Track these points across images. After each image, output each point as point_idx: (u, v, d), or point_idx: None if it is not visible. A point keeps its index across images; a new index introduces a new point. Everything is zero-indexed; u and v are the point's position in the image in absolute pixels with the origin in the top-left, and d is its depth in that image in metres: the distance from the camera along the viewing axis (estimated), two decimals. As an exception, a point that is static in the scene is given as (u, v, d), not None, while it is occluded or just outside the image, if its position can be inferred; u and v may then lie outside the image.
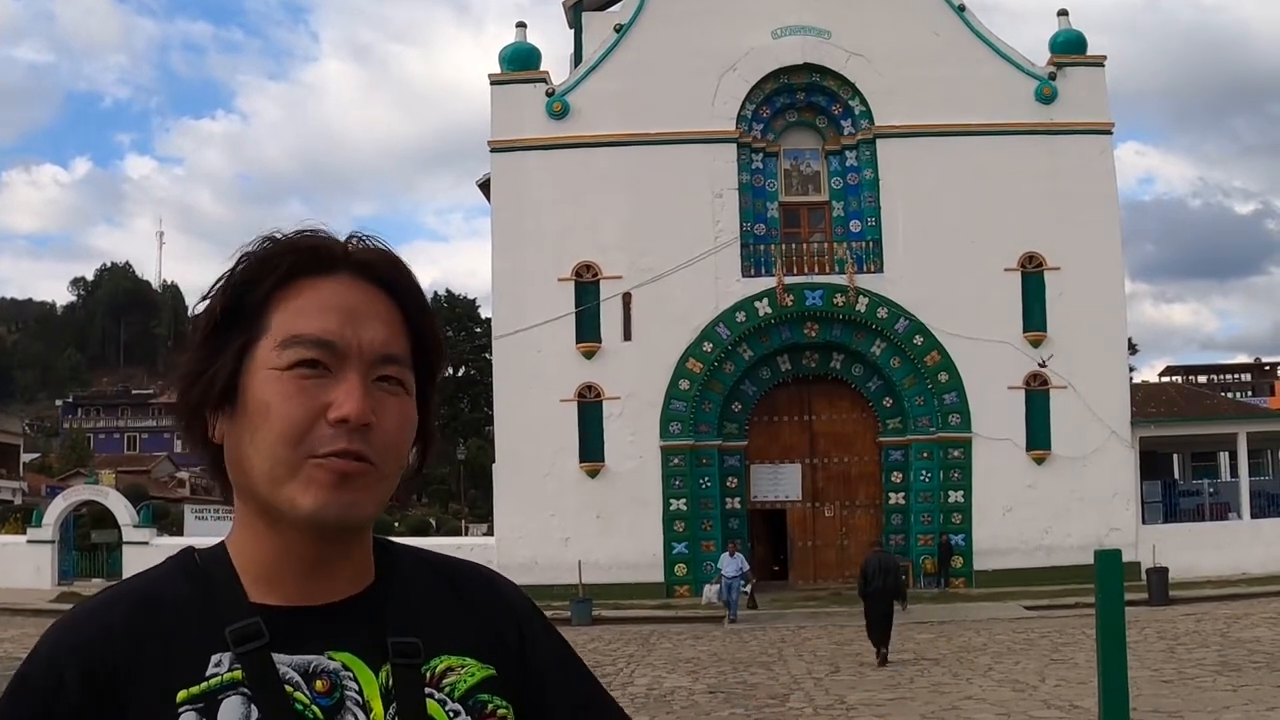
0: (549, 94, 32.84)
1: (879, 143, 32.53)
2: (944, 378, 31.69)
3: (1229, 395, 58.63)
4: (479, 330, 65.99)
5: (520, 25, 34.70)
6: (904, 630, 19.85)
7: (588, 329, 31.93)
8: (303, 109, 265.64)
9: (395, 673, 1.23)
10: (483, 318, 65.55)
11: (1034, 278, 31.98)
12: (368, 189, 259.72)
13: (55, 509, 34.46)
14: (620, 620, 25.65)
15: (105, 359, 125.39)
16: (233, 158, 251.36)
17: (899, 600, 18.87)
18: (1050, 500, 30.75)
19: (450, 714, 1.24)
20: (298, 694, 1.18)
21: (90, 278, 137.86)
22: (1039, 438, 31.45)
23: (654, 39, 32.66)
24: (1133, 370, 50.24)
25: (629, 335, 31.95)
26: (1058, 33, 33.75)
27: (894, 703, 13.60)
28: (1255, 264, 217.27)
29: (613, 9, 35.61)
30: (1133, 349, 60.06)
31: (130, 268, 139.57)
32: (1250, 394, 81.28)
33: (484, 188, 34.43)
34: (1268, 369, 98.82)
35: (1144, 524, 31.36)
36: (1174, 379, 76.98)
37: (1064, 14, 33.96)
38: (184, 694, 1.15)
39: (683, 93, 32.08)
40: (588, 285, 32.12)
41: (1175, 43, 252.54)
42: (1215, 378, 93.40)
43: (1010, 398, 31.48)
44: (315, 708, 1.18)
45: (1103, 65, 33.31)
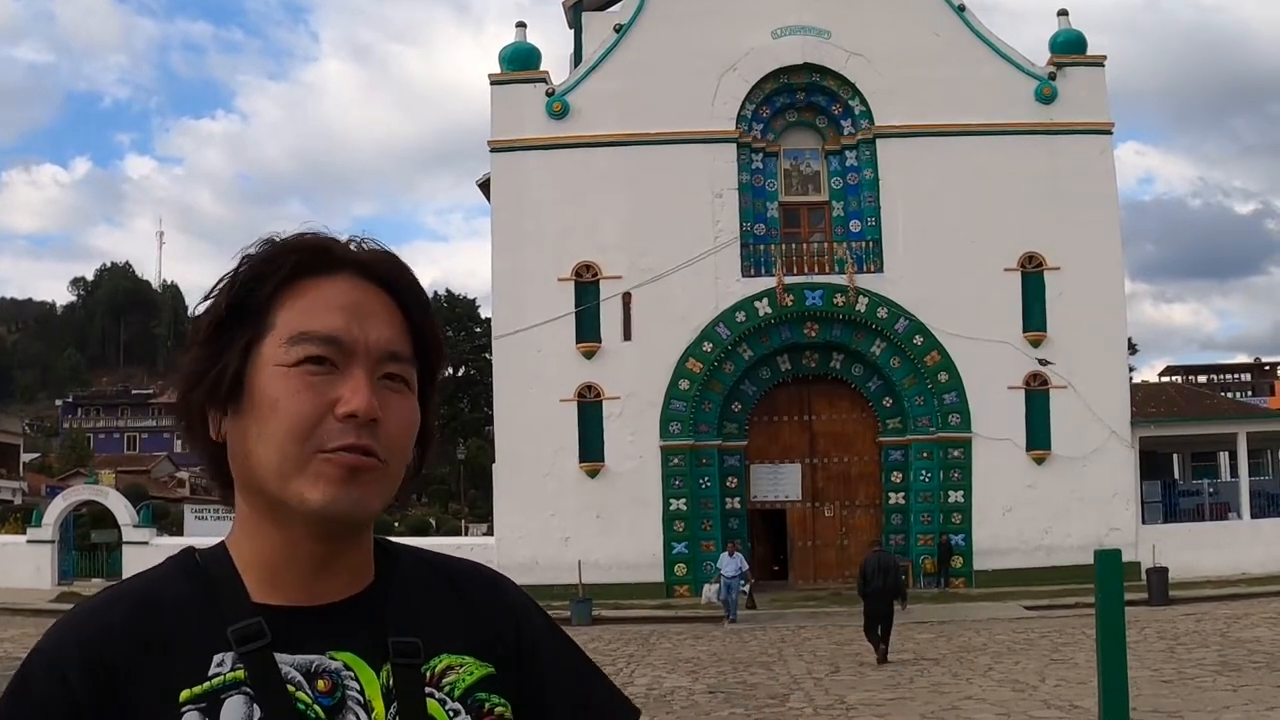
0: (549, 94, 32.84)
1: (879, 143, 32.53)
2: (944, 378, 31.70)
3: (1229, 395, 58.64)
4: (479, 330, 65.98)
5: (520, 25, 34.73)
6: (904, 630, 19.86)
7: (588, 329, 31.94)
8: (303, 109, 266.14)
9: (396, 672, 1.23)
10: (483, 318, 65.54)
11: (1034, 278, 31.98)
12: (368, 189, 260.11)
13: (55, 509, 34.45)
14: (620, 620, 25.65)
15: (105, 359, 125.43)
16: (233, 158, 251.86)
17: (899, 600, 18.90)
18: (1050, 500, 30.76)
19: (450, 713, 1.25)
20: (300, 694, 1.18)
21: (90, 278, 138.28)
22: (1039, 438, 31.46)
23: (654, 39, 32.67)
24: (1133, 370, 50.27)
25: (629, 335, 31.95)
26: (1058, 33, 33.75)
27: (894, 703, 13.60)
28: (1255, 264, 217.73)
29: (613, 9, 35.60)
30: (1133, 349, 60.06)
31: (130, 268, 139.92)
32: (1250, 394, 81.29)
33: (484, 188, 34.43)
34: (1268, 369, 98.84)
35: (1144, 524, 31.37)
36: (1174, 379, 77.00)
37: (1064, 14, 33.97)
38: (186, 694, 1.15)
39: (683, 93, 32.09)
40: (588, 285, 32.13)
41: (1175, 43, 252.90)
42: (1215, 378, 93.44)
43: (1010, 398, 31.49)
44: (317, 707, 1.19)
45: (1103, 65, 33.32)
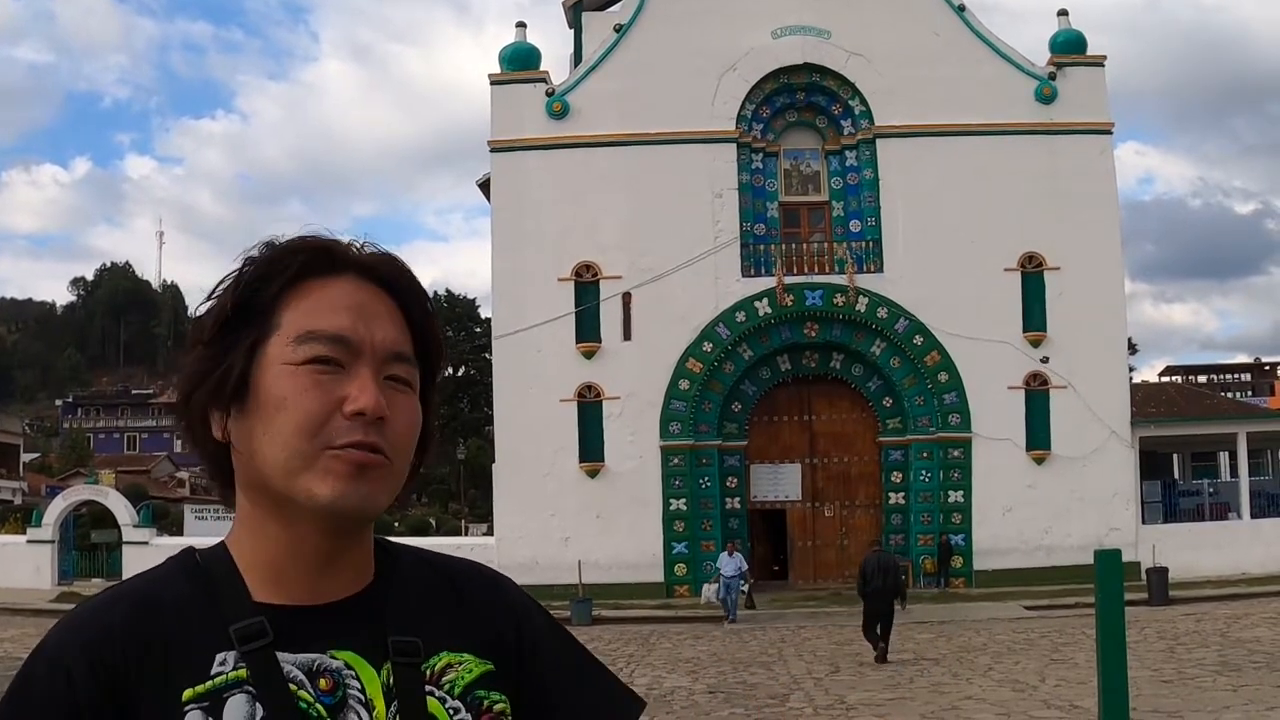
0: (549, 94, 32.84)
1: (879, 143, 32.53)
2: (944, 378, 31.70)
3: (1229, 395, 58.64)
4: (479, 330, 65.98)
5: (520, 25, 34.73)
6: (904, 630, 19.86)
7: (588, 329, 31.94)
8: (303, 109, 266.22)
9: (396, 671, 1.24)
10: (483, 318, 65.54)
11: (1034, 278, 31.98)
12: (368, 189, 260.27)
13: (55, 509, 34.45)
14: (620, 620, 25.65)
15: (105, 359, 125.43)
16: (233, 158, 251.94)
17: (899, 600, 18.89)
18: (1050, 500, 30.75)
19: (450, 711, 1.25)
20: (302, 692, 1.19)
21: (90, 278, 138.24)
22: (1039, 438, 31.45)
23: (654, 39, 32.66)
24: (1133, 370, 50.27)
25: (629, 335, 31.95)
26: (1058, 33, 33.75)
27: (894, 703, 13.60)
28: (1255, 264, 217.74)
29: (613, 9, 35.60)
30: (1133, 349, 60.06)
31: (130, 268, 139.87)
32: (1250, 394, 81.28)
33: (484, 188, 34.43)
34: (1268, 369, 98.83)
35: (1144, 524, 31.36)
36: (1174, 379, 77.00)
37: (1064, 14, 33.96)
38: (189, 692, 1.16)
39: (683, 93, 32.08)
40: (588, 285, 32.12)
41: (1175, 43, 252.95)
42: (1215, 378, 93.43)
43: (1010, 398, 31.48)
44: (319, 706, 1.19)
45: (1103, 65, 33.31)
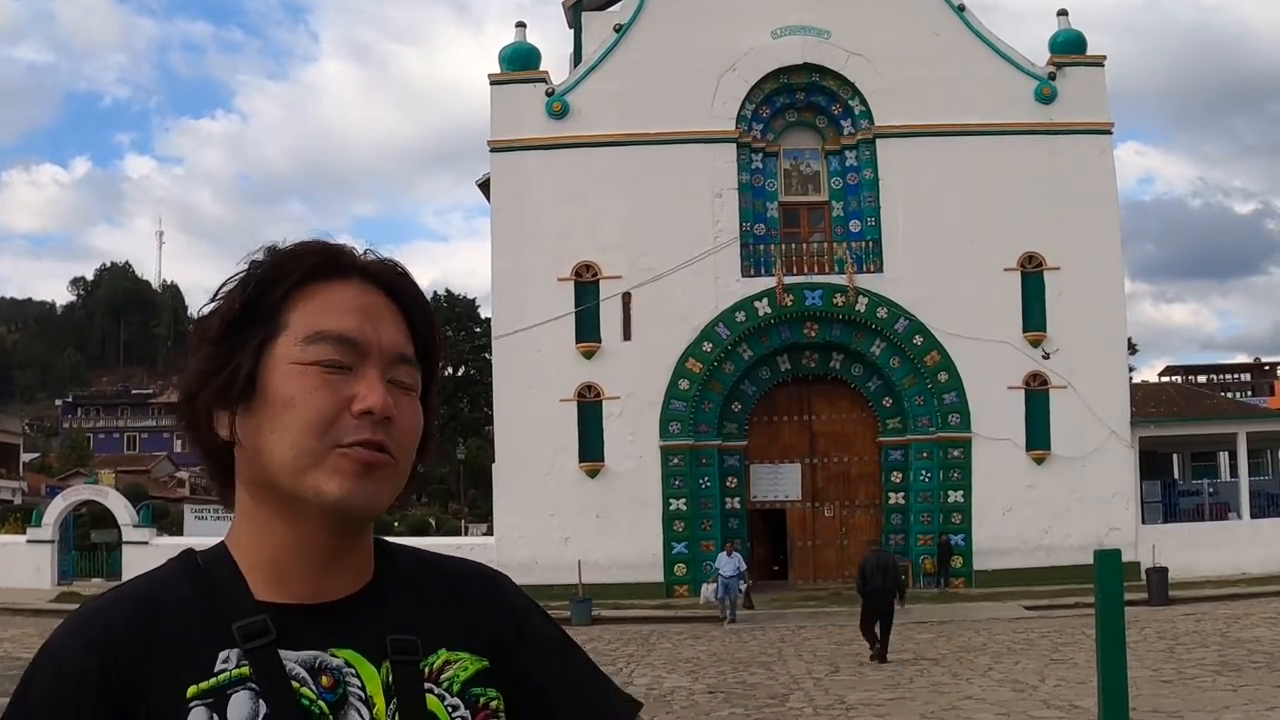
0: (549, 94, 32.84)
1: (879, 143, 32.53)
2: (944, 378, 31.70)
3: (1229, 395, 58.63)
4: (479, 330, 65.99)
5: (520, 25, 34.72)
6: (904, 630, 19.86)
7: (587, 329, 31.94)
8: (303, 109, 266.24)
9: (395, 669, 1.26)
10: (483, 318, 65.54)
11: (1034, 278, 31.98)
12: (368, 189, 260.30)
13: (55, 509, 34.44)
14: (620, 620, 25.66)
15: (105, 359, 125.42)
16: (233, 157, 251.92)
17: (898, 598, 18.86)
18: (1050, 500, 30.75)
19: (450, 709, 1.27)
20: (304, 689, 1.21)
21: (90, 277, 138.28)
22: (1039, 438, 31.45)
23: (654, 39, 32.67)
24: (1133, 370, 50.28)
25: (629, 335, 31.95)
26: (1057, 33, 33.75)
27: (894, 703, 13.60)
28: (1255, 264, 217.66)
29: (613, 9, 35.60)
30: (1133, 349, 60.07)
31: (130, 267, 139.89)
32: (1250, 394, 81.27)
33: (484, 188, 34.43)
34: (1267, 369, 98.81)
35: (1144, 524, 31.36)
36: (1174, 379, 76.99)
37: (1064, 14, 33.96)
38: (194, 689, 1.17)
39: (682, 93, 32.08)
40: (587, 285, 32.12)
41: (1175, 43, 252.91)
42: (1215, 378, 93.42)
43: (1010, 398, 31.49)
44: (321, 703, 1.21)
45: (1102, 65, 33.31)
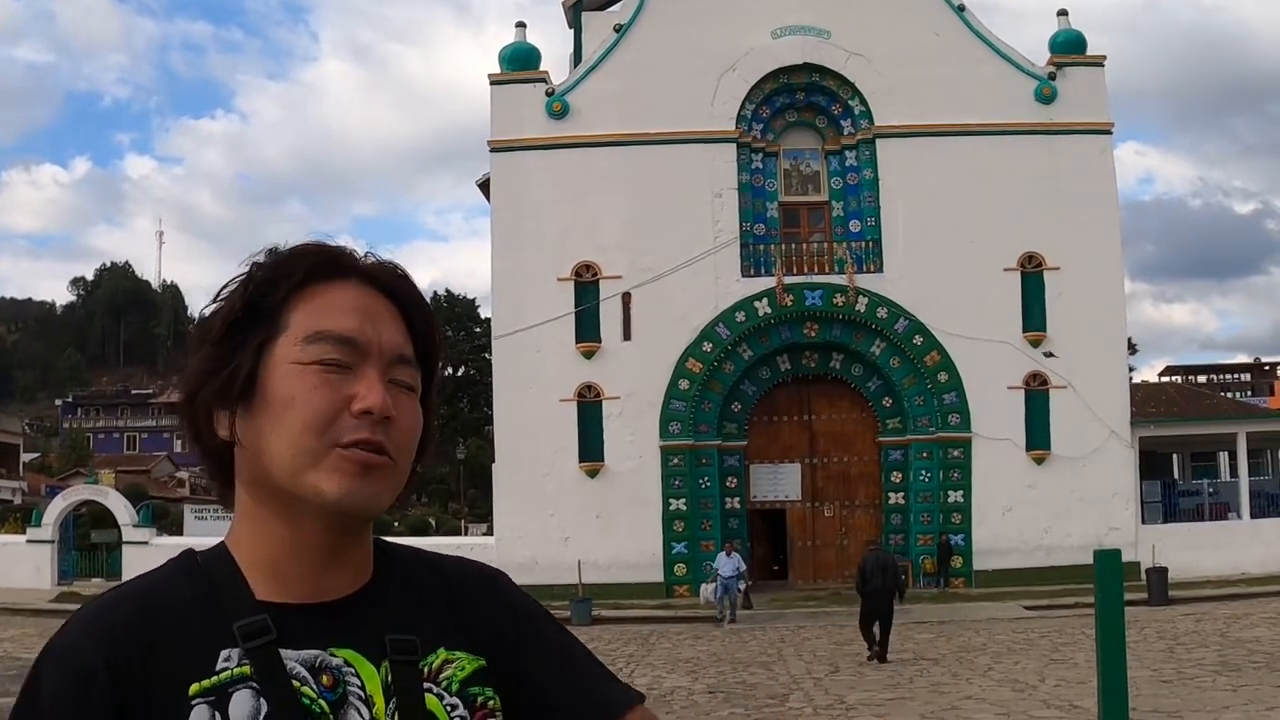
0: (549, 94, 32.85)
1: (879, 143, 32.53)
2: (944, 378, 31.70)
3: (1229, 395, 58.63)
4: (479, 330, 66.01)
5: (520, 25, 34.73)
6: (904, 630, 19.87)
7: (587, 329, 31.94)
8: (303, 109, 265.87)
9: (394, 669, 1.26)
10: (482, 318, 65.55)
11: (1034, 278, 31.98)
12: (368, 189, 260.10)
13: (55, 509, 34.44)
14: (620, 620, 25.66)
15: (105, 359, 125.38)
16: (232, 157, 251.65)
17: (897, 597, 18.83)
18: (1050, 500, 30.75)
19: (449, 708, 1.28)
20: (305, 688, 1.21)
21: (90, 277, 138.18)
22: (1039, 438, 31.45)
23: (654, 39, 32.67)
24: (1132, 370, 50.28)
25: (629, 335, 31.95)
26: (1057, 33, 33.75)
27: (893, 703, 13.60)
28: (1255, 264, 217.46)
29: (613, 9, 35.60)
30: (1133, 349, 60.08)
31: (130, 267, 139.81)
32: (1250, 394, 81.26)
33: (484, 188, 34.43)
34: (1267, 369, 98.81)
35: (1144, 524, 31.37)
36: (1174, 379, 77.00)
37: (1064, 14, 33.96)
38: (196, 687, 1.17)
39: (682, 93, 32.08)
40: (587, 285, 32.13)
41: (1175, 43, 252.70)
42: (1215, 378, 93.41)
43: (1010, 398, 31.49)
44: (322, 701, 1.21)
45: (1102, 65, 33.32)
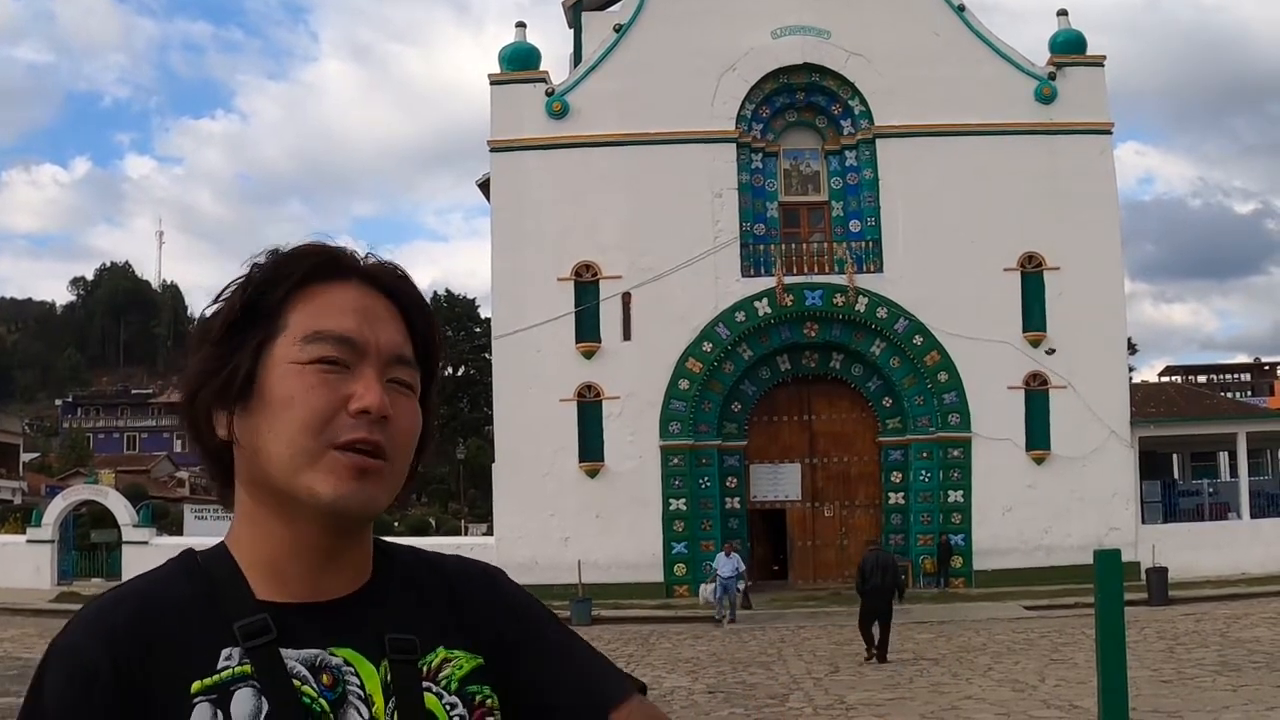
0: (549, 94, 32.85)
1: (879, 143, 32.54)
2: (944, 378, 31.70)
3: (1229, 395, 58.63)
4: (479, 330, 66.02)
5: (520, 25, 34.73)
6: (904, 630, 19.87)
7: (587, 329, 31.94)
8: (303, 109, 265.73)
9: (393, 668, 1.26)
10: (482, 318, 65.56)
11: (1034, 278, 31.99)
12: (368, 189, 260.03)
13: (55, 509, 34.45)
14: (620, 620, 25.66)
15: (105, 359, 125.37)
16: (232, 157, 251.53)
17: (897, 597, 18.81)
18: (1050, 500, 30.76)
19: (448, 707, 1.28)
20: (305, 687, 1.21)
21: (90, 277, 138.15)
22: (1039, 438, 31.46)
23: (654, 39, 32.67)
24: (1132, 370, 50.29)
25: (629, 335, 31.96)
26: (1057, 33, 33.76)
27: (893, 703, 13.60)
28: (1255, 264, 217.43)
29: (613, 9, 35.60)
30: (1132, 349, 60.09)
31: (130, 267, 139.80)
32: (1250, 394, 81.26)
33: (484, 188, 34.43)
34: (1267, 369, 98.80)
35: (1144, 524, 31.37)
36: (1174, 379, 76.99)
37: (1064, 14, 33.97)
38: (198, 685, 1.18)
39: (682, 93, 32.09)
40: (587, 285, 32.13)
41: (1175, 43, 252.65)
42: (1215, 378, 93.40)
43: (1010, 398, 31.49)
44: (322, 700, 1.22)
45: (1102, 65, 33.32)
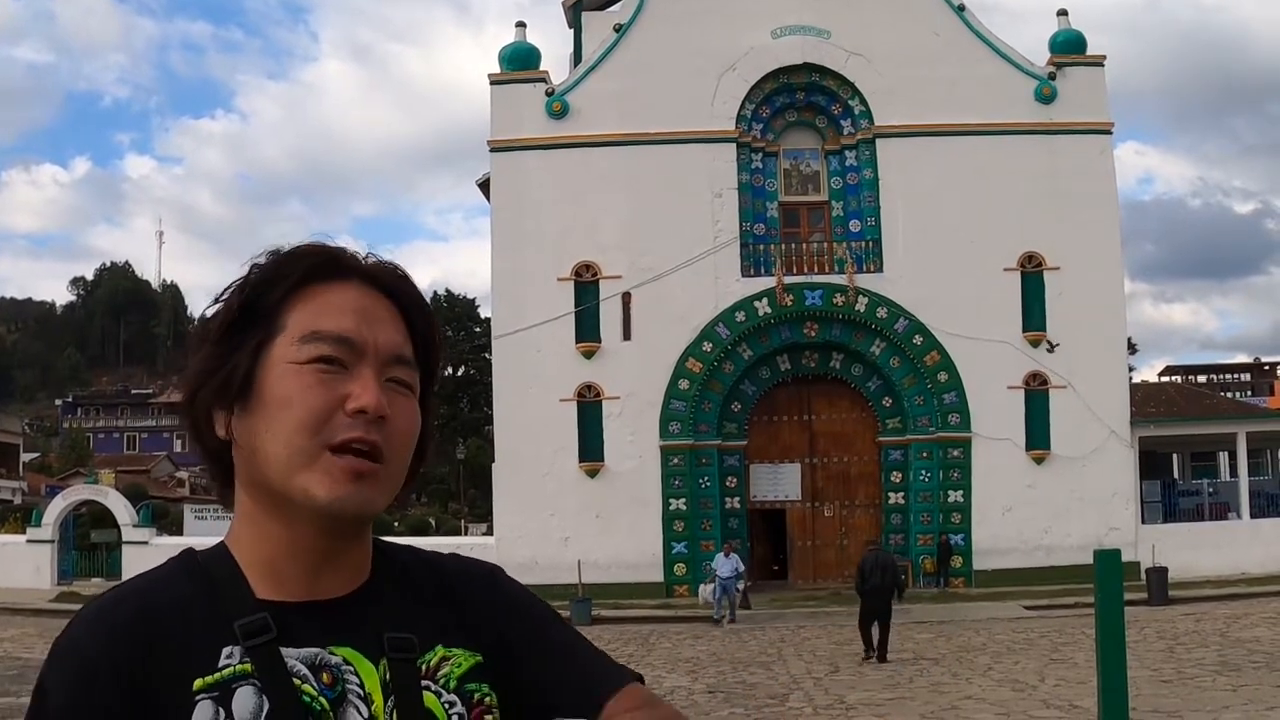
0: (549, 94, 32.85)
1: (879, 142, 32.54)
2: (943, 377, 31.70)
3: (1228, 395, 58.61)
4: (479, 330, 66.02)
5: (520, 25, 34.74)
6: (904, 630, 19.87)
7: (587, 329, 31.94)
8: (303, 109, 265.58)
9: (392, 667, 1.27)
10: (482, 318, 65.56)
11: (1034, 277, 31.98)
12: (368, 189, 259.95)
13: (55, 509, 34.45)
14: (620, 620, 25.66)
15: (105, 359, 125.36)
16: (232, 157, 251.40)
17: (896, 597, 18.80)
18: (1050, 500, 30.76)
19: (446, 705, 1.28)
20: (305, 686, 1.22)
21: (90, 277, 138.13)
22: (1039, 437, 31.46)
23: (654, 39, 32.67)
24: (1132, 370, 50.29)
25: (628, 335, 31.96)
26: (1057, 32, 33.76)
27: (893, 702, 13.60)
28: (1255, 264, 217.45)
29: (613, 9, 35.60)
30: (1132, 349, 60.09)
31: (130, 267, 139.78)
32: (1250, 394, 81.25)
33: (484, 187, 34.43)
34: (1267, 369, 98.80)
35: (1143, 524, 31.37)
36: (1173, 379, 76.99)
37: (1064, 14, 33.97)
38: (200, 682, 1.18)
39: (682, 93, 32.09)
40: (587, 285, 32.13)
41: (1175, 43, 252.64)
42: (1215, 377, 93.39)
43: (1010, 398, 31.49)
44: (322, 699, 1.22)
45: (1102, 65, 33.32)
